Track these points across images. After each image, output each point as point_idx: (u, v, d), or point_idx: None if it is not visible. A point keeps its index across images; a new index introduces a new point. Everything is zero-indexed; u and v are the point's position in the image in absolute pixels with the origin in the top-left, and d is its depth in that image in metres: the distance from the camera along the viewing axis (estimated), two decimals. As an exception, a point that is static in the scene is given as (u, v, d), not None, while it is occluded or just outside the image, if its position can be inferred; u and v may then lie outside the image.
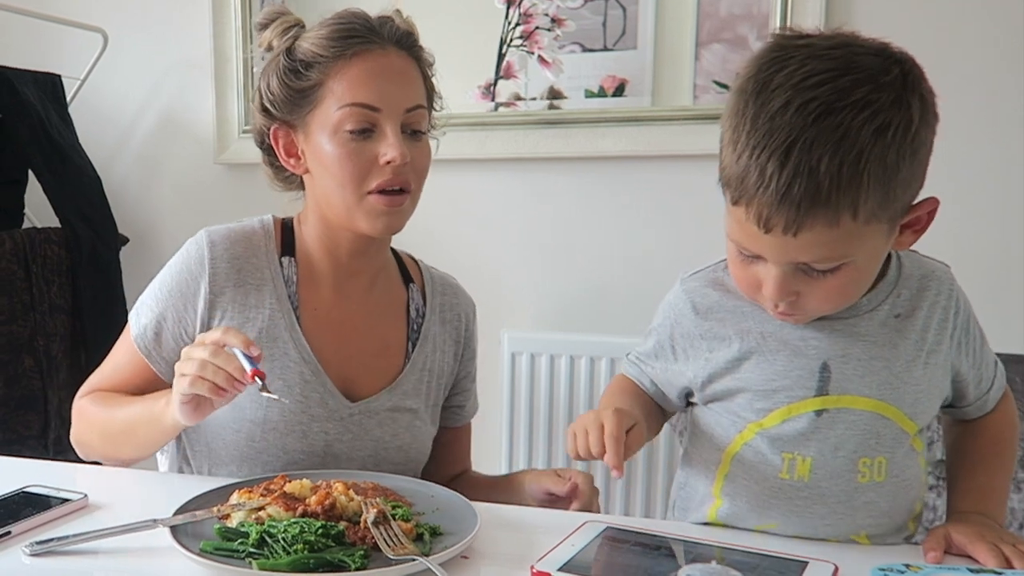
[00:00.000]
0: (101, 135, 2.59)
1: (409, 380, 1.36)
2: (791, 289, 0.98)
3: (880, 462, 1.07)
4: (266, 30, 1.31)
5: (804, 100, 0.90)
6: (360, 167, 1.23)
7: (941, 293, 1.09)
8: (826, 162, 0.88)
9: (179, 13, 2.49)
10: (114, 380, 1.35)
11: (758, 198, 0.92)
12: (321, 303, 1.34)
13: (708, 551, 1.00)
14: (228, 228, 1.33)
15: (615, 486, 2.18)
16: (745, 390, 1.09)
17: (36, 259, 2.30)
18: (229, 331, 1.11)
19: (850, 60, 0.92)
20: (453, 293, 1.46)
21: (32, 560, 0.97)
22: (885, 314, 1.07)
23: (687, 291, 1.15)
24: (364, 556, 0.95)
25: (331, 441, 1.30)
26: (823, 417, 1.06)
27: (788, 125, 0.89)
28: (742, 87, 0.97)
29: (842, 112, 0.89)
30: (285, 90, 1.28)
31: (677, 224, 2.17)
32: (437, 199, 2.29)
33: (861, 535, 1.09)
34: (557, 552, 0.97)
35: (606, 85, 2.18)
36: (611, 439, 1.01)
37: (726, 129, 0.97)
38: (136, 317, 1.33)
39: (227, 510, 1.04)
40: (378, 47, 1.25)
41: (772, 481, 1.08)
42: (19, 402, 2.26)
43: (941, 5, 1.94)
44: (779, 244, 0.94)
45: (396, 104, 1.24)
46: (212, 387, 1.08)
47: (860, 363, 1.05)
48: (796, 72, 0.91)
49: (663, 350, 1.18)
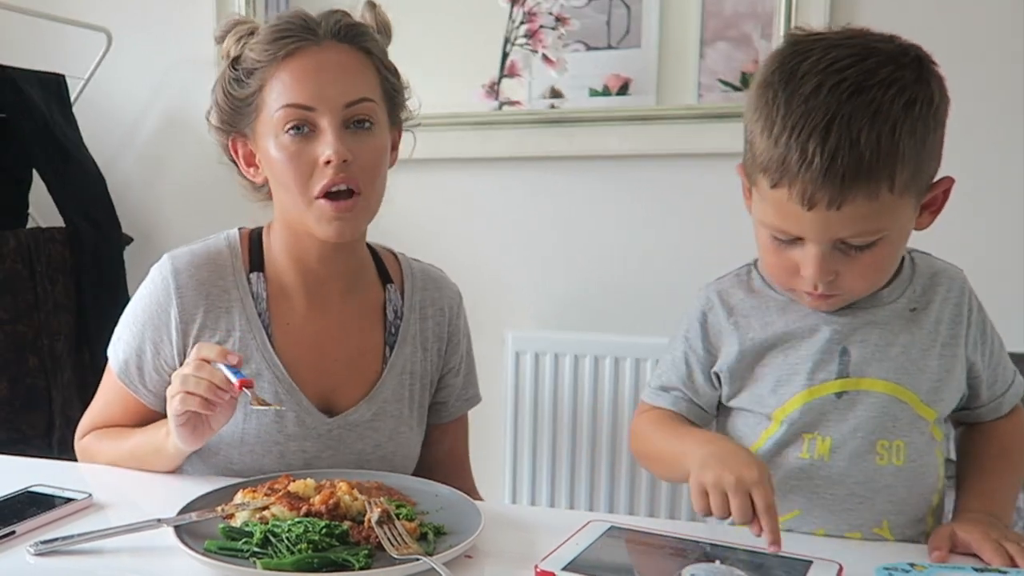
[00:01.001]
0: (105, 134, 2.59)
1: (388, 386, 1.33)
2: (831, 268, 1.02)
3: (898, 445, 1.09)
4: (224, 41, 1.28)
5: (835, 81, 0.96)
6: (302, 170, 1.19)
7: (952, 290, 1.13)
8: (865, 135, 0.94)
9: (182, 12, 2.49)
10: (107, 417, 1.35)
11: (801, 176, 0.96)
12: (293, 317, 1.31)
13: (712, 550, 0.99)
14: (191, 252, 1.30)
15: (619, 485, 2.17)
16: (770, 377, 1.13)
17: (40, 258, 2.30)
18: (203, 347, 1.12)
19: (868, 46, 0.99)
20: (435, 287, 1.41)
21: (37, 560, 0.97)
22: (902, 307, 1.12)
23: (717, 291, 1.19)
24: (368, 555, 0.95)
25: (310, 459, 1.28)
26: (843, 399, 1.10)
27: (824, 105, 0.95)
28: (766, 80, 1.01)
29: (872, 90, 0.95)
30: (230, 100, 1.25)
31: (681, 223, 2.17)
32: (440, 198, 2.31)
33: (883, 525, 1.10)
34: (561, 551, 0.97)
35: (610, 84, 2.18)
36: (770, 511, 0.94)
37: (755, 120, 1.02)
38: (115, 352, 1.32)
39: (231, 510, 1.05)
40: (311, 44, 1.20)
41: (793, 463, 1.11)
42: (24, 401, 2.26)
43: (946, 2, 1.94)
44: (821, 220, 0.98)
45: (332, 101, 1.19)
46: (200, 401, 1.10)
47: (878, 348, 1.10)
48: (821, 59, 0.97)
49: (693, 352, 1.19)
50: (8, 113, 2.29)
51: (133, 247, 2.53)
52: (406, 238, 1.44)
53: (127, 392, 1.31)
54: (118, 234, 2.49)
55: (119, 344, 1.32)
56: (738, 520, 0.95)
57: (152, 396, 1.30)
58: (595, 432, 2.19)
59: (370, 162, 1.22)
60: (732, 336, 1.15)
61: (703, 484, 0.99)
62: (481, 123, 2.26)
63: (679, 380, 1.19)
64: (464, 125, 2.24)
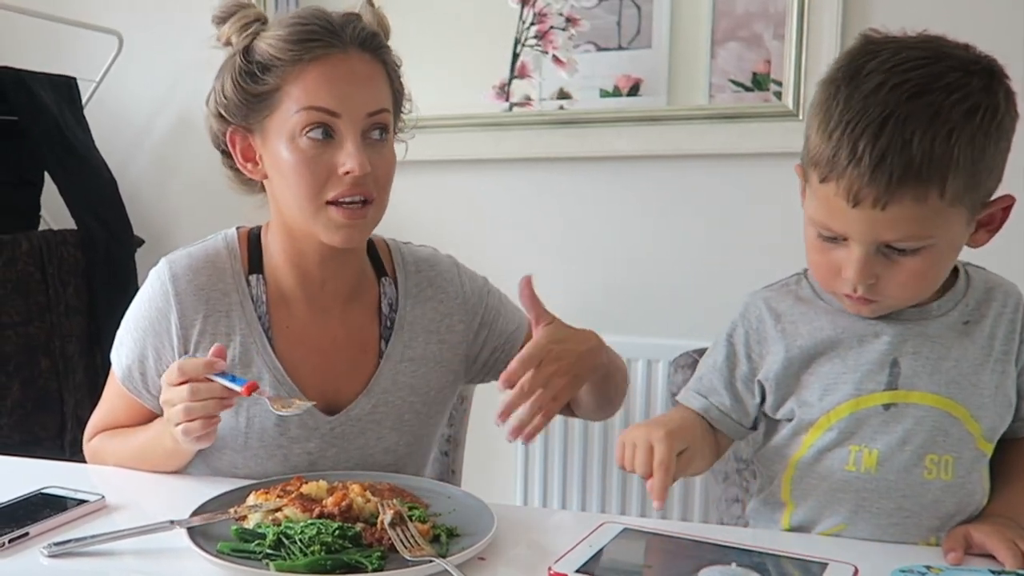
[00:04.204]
0: (116, 137, 2.60)
1: (386, 377, 1.31)
2: (872, 271, 1.01)
3: (947, 460, 1.07)
4: (224, 24, 1.25)
5: (898, 81, 0.95)
6: (318, 176, 1.18)
7: (1008, 305, 1.11)
8: (919, 137, 0.93)
9: (193, 14, 2.48)
10: (113, 420, 1.36)
11: (849, 171, 0.96)
12: (293, 320, 1.30)
13: (727, 553, 0.99)
14: (189, 255, 1.29)
15: (631, 486, 2.17)
16: (817, 384, 1.11)
17: (52, 261, 2.31)
18: (185, 364, 1.10)
19: (940, 50, 0.99)
20: (429, 266, 1.39)
21: (50, 561, 0.97)
22: (954, 320, 1.09)
23: (764, 299, 1.18)
24: (381, 557, 0.95)
25: (314, 460, 1.28)
26: (891, 411, 1.08)
27: (882, 103, 0.95)
28: (832, 77, 1.01)
29: (935, 93, 0.94)
30: (241, 94, 1.22)
31: (692, 224, 2.16)
32: (451, 199, 2.30)
33: (931, 541, 1.08)
34: (575, 553, 0.97)
35: (621, 84, 2.17)
36: (660, 467, 0.98)
37: (814, 116, 1.02)
38: (117, 358, 1.32)
39: (244, 511, 1.05)
40: (339, 50, 1.19)
41: (839, 474, 1.09)
42: (36, 403, 2.27)
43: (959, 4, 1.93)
44: (866, 219, 0.98)
45: (357, 109, 1.18)
46: (203, 423, 1.10)
47: (929, 361, 1.08)
48: (889, 59, 0.97)
49: (736, 357, 1.17)
50: (20, 116, 2.30)
51: (145, 249, 2.53)
52: (415, 239, 1.44)
53: (131, 397, 1.32)
54: (130, 236, 2.50)
55: (121, 350, 1.32)
56: (636, 470, 1.00)
57: (155, 400, 1.28)
58: (607, 433, 2.18)
59: (385, 172, 1.23)
60: (779, 343, 1.13)
61: (622, 438, 1.04)
62: (491, 124, 2.26)
63: (721, 383, 1.17)
64: (474, 126, 2.24)
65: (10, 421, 2.19)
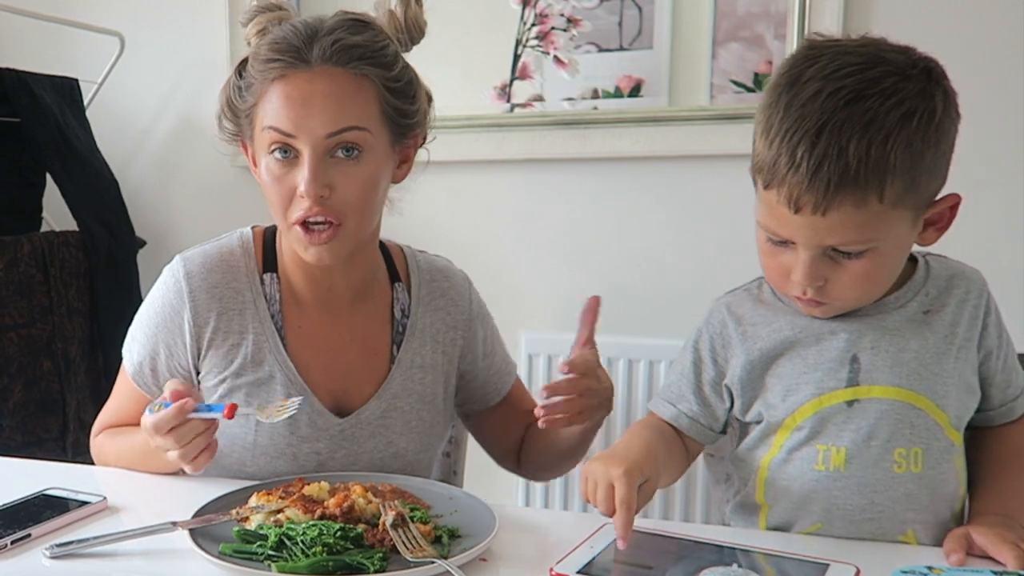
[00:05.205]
0: (118, 138, 2.60)
1: (397, 383, 1.32)
2: (819, 274, 1.03)
3: (916, 452, 1.08)
4: (247, 27, 1.26)
5: (834, 88, 0.96)
6: (282, 196, 1.18)
7: (971, 292, 1.12)
8: (855, 143, 0.94)
9: (195, 16, 2.50)
10: (121, 416, 1.36)
11: (789, 179, 0.97)
12: (305, 319, 1.30)
13: (729, 554, 0.99)
14: (204, 253, 1.29)
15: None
16: (779, 386, 1.12)
17: (54, 262, 2.31)
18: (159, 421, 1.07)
19: (878, 55, 0.99)
20: (443, 276, 1.40)
21: (52, 563, 0.97)
22: (913, 310, 1.10)
23: (726, 304, 1.19)
24: (383, 558, 0.95)
25: (323, 461, 1.28)
26: (854, 407, 1.08)
27: (819, 110, 0.96)
28: (774, 84, 1.02)
29: (870, 99, 0.95)
30: (232, 109, 1.24)
31: (695, 224, 2.16)
32: (454, 200, 2.30)
33: (908, 534, 1.09)
34: (576, 555, 0.97)
35: (622, 85, 2.17)
36: (622, 506, 0.97)
37: (759, 122, 1.03)
38: (128, 354, 1.33)
39: (246, 513, 1.05)
40: (300, 69, 1.16)
41: (809, 475, 1.10)
42: (38, 405, 2.27)
43: (962, 4, 1.93)
44: (808, 225, 0.99)
45: (313, 131, 1.15)
46: (204, 454, 1.10)
47: (889, 355, 1.08)
48: (827, 65, 0.98)
49: (703, 362, 1.18)
50: (22, 117, 2.30)
51: (146, 250, 2.54)
52: (419, 240, 1.44)
53: (141, 392, 1.32)
54: (131, 238, 2.50)
55: (133, 345, 1.32)
56: (599, 507, 1.00)
57: None
58: (608, 433, 2.18)
59: (355, 193, 1.18)
60: (740, 347, 1.14)
61: (584, 471, 1.04)
62: (493, 125, 2.26)
63: (689, 390, 1.18)
64: (476, 127, 2.24)
65: (12, 423, 2.19)
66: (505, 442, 1.46)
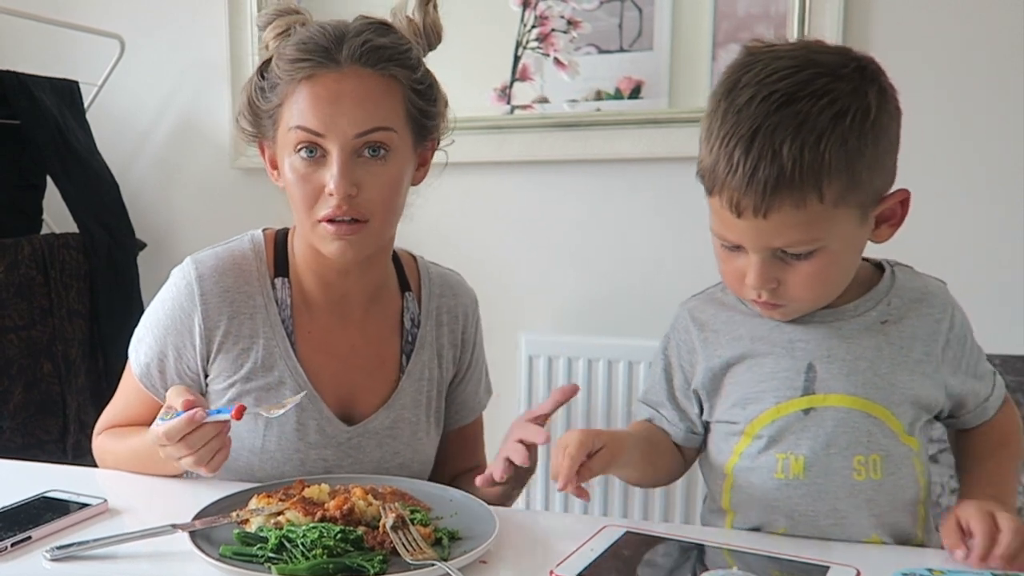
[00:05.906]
0: (118, 140, 2.60)
1: (406, 393, 1.33)
2: (770, 276, 1.04)
3: (875, 459, 1.08)
4: (265, 31, 1.27)
5: (767, 93, 0.98)
6: (308, 194, 1.18)
7: (935, 307, 1.12)
8: (788, 145, 0.96)
9: (195, 18, 2.50)
10: (125, 416, 1.36)
11: (728, 183, 0.99)
12: (316, 326, 1.30)
13: (729, 556, 0.99)
14: (216, 256, 1.29)
15: (633, 489, 2.17)
16: (737, 393, 1.13)
17: (55, 264, 2.31)
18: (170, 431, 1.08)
19: (809, 58, 1.00)
20: (452, 293, 1.41)
21: (52, 565, 0.97)
22: (872, 319, 1.11)
23: (688, 309, 1.21)
24: (383, 561, 0.95)
25: (330, 467, 1.28)
26: (811, 416, 1.09)
27: (752, 115, 0.98)
28: (715, 91, 1.04)
29: (802, 101, 0.97)
30: (253, 109, 1.25)
31: (695, 226, 2.13)
32: (454, 202, 2.30)
33: (872, 538, 1.09)
34: (576, 557, 0.97)
35: (622, 87, 2.17)
36: (568, 458, 1.01)
37: (702, 130, 1.05)
38: (136, 354, 1.32)
39: (246, 515, 1.05)
40: (331, 69, 1.17)
41: (770, 483, 1.10)
42: (38, 407, 2.27)
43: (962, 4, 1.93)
44: (752, 228, 1.01)
45: (342, 130, 1.16)
46: (219, 457, 1.11)
47: (845, 363, 1.09)
48: (761, 71, 1.00)
49: (672, 368, 1.21)
50: (22, 120, 2.30)
51: (147, 253, 2.54)
52: (420, 242, 1.44)
53: (146, 393, 1.31)
54: (132, 240, 2.50)
55: (140, 346, 1.32)
56: (552, 471, 1.03)
57: None
58: (609, 435, 2.18)
59: (381, 192, 1.19)
60: (703, 353, 1.16)
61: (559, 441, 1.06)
62: (493, 127, 2.25)
63: (663, 395, 1.21)
64: (476, 129, 2.24)
65: (12, 425, 2.19)
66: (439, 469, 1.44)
